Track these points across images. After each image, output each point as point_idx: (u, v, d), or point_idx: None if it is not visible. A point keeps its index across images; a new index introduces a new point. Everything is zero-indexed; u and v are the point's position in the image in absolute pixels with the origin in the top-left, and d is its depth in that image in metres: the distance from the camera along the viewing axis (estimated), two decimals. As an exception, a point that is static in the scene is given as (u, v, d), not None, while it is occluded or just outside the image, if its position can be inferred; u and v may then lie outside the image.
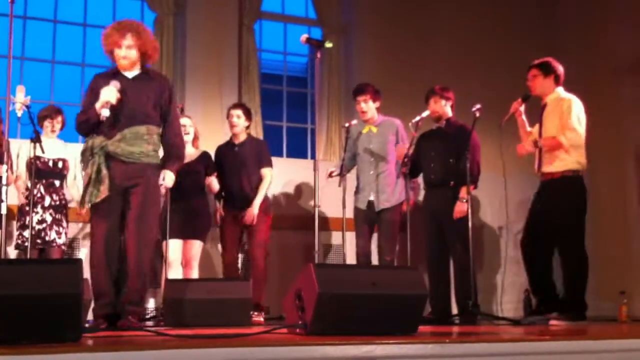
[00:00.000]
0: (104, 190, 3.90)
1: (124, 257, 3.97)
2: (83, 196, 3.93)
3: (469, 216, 5.19)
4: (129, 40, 4.06)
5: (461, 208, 5.34)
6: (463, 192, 5.33)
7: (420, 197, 6.11)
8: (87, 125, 4.01)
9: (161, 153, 4.22)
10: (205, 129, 6.16)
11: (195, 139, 5.66)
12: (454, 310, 5.62)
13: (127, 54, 4.06)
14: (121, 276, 3.99)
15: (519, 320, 5.08)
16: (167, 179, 4.14)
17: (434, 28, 7.66)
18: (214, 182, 5.61)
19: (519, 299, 6.98)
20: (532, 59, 5.34)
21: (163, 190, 4.31)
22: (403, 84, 7.08)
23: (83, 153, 4.03)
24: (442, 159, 5.52)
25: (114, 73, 4.12)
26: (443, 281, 5.53)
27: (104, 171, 3.91)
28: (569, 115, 5.00)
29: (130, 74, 4.11)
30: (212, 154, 5.81)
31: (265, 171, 5.73)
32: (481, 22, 7.83)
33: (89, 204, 3.93)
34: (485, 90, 6.74)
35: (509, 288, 7.23)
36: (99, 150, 3.94)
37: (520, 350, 2.90)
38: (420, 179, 5.96)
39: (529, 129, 5.35)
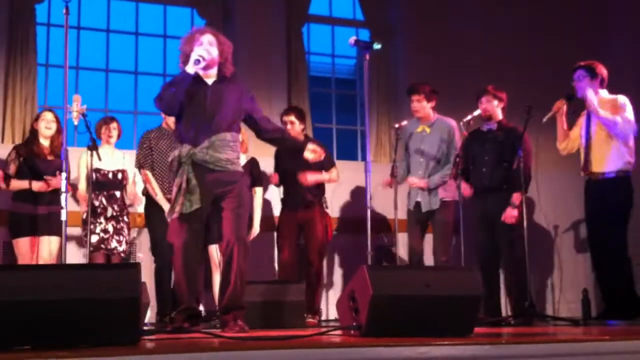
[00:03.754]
0: (195, 201, 3.90)
1: (206, 263, 3.96)
2: (173, 206, 3.92)
3: (524, 219, 5.11)
4: (209, 37, 4.06)
5: (512, 213, 5.28)
6: (515, 197, 5.26)
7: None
8: (172, 92, 3.93)
9: (242, 161, 4.24)
10: (252, 135, 6.20)
11: (243, 143, 5.71)
12: (506, 311, 5.57)
13: (208, 48, 4.01)
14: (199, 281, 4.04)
15: (578, 320, 5.01)
16: (308, 153, 4.23)
17: (483, 26, 7.59)
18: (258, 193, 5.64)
19: (575, 299, 6.86)
20: (573, 61, 5.29)
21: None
22: (451, 83, 7.02)
23: (171, 163, 4.04)
24: (495, 163, 5.45)
25: (194, 78, 4.06)
26: (495, 282, 5.47)
27: (194, 181, 3.91)
28: (624, 109, 5.02)
29: (209, 80, 4.10)
30: (265, 159, 5.84)
31: (332, 171, 5.81)
32: (528, 21, 7.75)
33: (179, 214, 3.92)
34: (527, 90, 6.67)
35: (564, 288, 7.13)
36: (186, 160, 3.93)
37: (579, 351, 2.85)
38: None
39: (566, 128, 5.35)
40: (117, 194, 5.46)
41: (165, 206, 5.30)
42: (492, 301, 5.40)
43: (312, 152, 4.31)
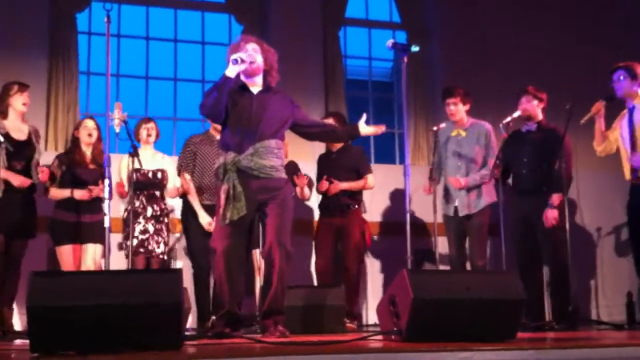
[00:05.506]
0: (241, 208, 3.93)
1: (249, 269, 3.97)
2: (224, 213, 3.94)
3: (566, 221, 5.03)
4: (254, 45, 4.11)
5: (552, 215, 5.20)
6: (554, 198, 5.19)
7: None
8: (214, 96, 3.96)
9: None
10: (294, 138, 6.23)
11: (285, 146, 5.72)
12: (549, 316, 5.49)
13: (252, 54, 4.04)
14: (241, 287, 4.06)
15: (623, 324, 4.91)
16: (363, 128, 4.31)
17: (519, 28, 7.52)
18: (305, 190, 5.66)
19: (616, 303, 6.74)
20: (611, 62, 5.21)
21: None
22: (488, 85, 6.98)
23: (216, 170, 4.08)
24: (535, 165, 5.39)
25: (240, 87, 4.12)
26: (536, 286, 5.39)
27: (239, 188, 3.94)
28: None
29: (255, 89, 4.13)
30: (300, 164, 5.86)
31: (367, 177, 5.80)
32: (565, 21, 7.67)
33: (229, 220, 3.94)
34: (565, 91, 6.57)
35: (607, 292, 7.02)
36: (231, 167, 3.97)
37: (625, 356, 2.79)
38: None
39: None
40: (157, 193, 5.49)
41: (200, 211, 5.34)
42: (534, 305, 5.32)
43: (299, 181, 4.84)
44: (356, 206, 5.76)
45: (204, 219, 5.30)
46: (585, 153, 5.82)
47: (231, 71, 3.96)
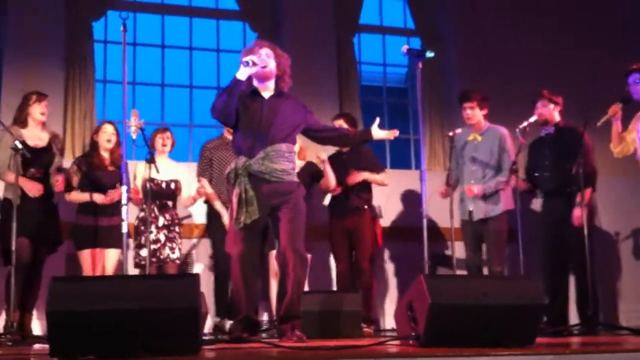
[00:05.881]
0: (254, 212, 3.93)
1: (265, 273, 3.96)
2: (237, 217, 3.95)
3: (585, 223, 5.01)
4: (267, 50, 4.11)
5: (578, 213, 5.18)
6: (579, 197, 5.16)
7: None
8: (224, 99, 3.96)
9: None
10: (310, 142, 6.25)
11: (301, 150, 5.72)
12: (572, 320, 5.45)
13: (265, 59, 4.05)
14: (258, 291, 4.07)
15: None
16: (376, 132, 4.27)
17: (534, 33, 7.51)
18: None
19: (637, 308, 6.69)
20: (626, 64, 5.18)
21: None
22: (503, 90, 6.96)
23: (227, 175, 4.09)
24: (558, 166, 5.37)
25: (252, 91, 4.14)
26: (561, 290, 5.36)
27: (251, 192, 3.95)
28: None
29: (266, 94, 4.14)
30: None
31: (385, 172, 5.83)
32: (579, 24, 7.65)
33: (242, 225, 3.95)
34: (581, 93, 6.57)
35: (626, 296, 6.96)
36: (242, 171, 3.98)
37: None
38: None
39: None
40: (170, 203, 5.52)
41: (223, 212, 5.35)
42: (556, 309, 5.29)
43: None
44: (366, 207, 5.75)
45: (227, 219, 5.29)
46: (602, 157, 5.79)
47: (242, 73, 3.96)
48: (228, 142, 5.52)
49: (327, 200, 5.99)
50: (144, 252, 5.14)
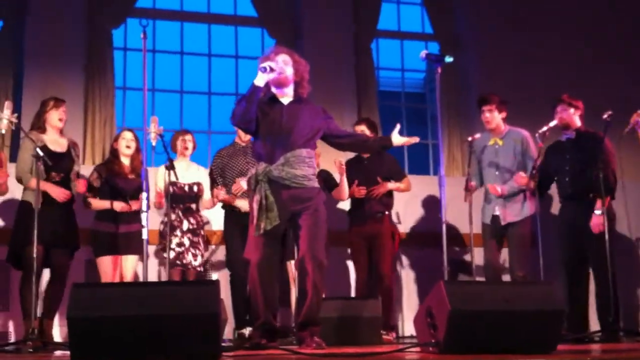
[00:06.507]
0: (274, 218, 3.93)
1: (284, 280, 3.94)
2: (257, 223, 3.95)
3: (606, 228, 4.96)
4: (284, 56, 4.11)
5: (598, 221, 5.12)
6: (599, 204, 5.11)
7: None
8: (244, 106, 3.97)
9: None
10: (328, 149, 6.25)
11: (316, 157, 5.72)
12: (593, 326, 5.39)
13: (282, 65, 4.04)
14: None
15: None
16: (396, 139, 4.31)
17: (551, 36, 7.48)
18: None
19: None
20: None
21: None
22: (522, 94, 6.93)
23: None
24: (578, 171, 5.32)
25: (271, 97, 4.14)
26: (581, 296, 5.30)
27: (271, 198, 3.94)
28: None
29: (285, 100, 4.14)
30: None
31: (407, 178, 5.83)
32: (599, 28, 7.60)
33: (262, 231, 3.95)
34: (602, 97, 6.50)
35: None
36: (262, 177, 3.97)
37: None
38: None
39: None
40: (193, 207, 5.53)
41: (241, 203, 5.35)
42: (577, 316, 5.24)
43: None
44: (386, 212, 5.74)
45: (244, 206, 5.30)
46: (628, 162, 5.74)
47: (260, 80, 3.96)
48: (240, 148, 5.54)
49: (347, 206, 5.99)
50: (167, 256, 5.16)
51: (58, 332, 5.58)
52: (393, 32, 7.79)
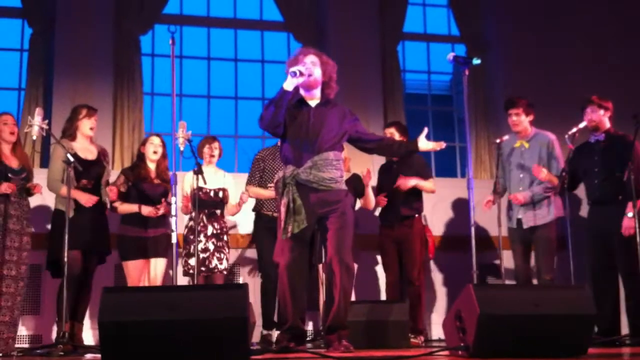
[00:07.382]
0: (302, 221, 3.94)
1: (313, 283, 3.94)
2: (285, 226, 3.97)
3: (637, 232, 4.89)
4: (312, 57, 4.12)
5: (629, 224, 5.05)
6: (629, 207, 5.04)
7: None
8: (272, 110, 3.98)
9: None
10: (355, 152, 6.25)
11: (346, 161, 5.72)
12: (623, 330, 5.32)
13: (309, 67, 4.05)
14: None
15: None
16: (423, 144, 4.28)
17: (580, 38, 7.40)
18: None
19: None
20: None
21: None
22: (550, 96, 6.88)
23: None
24: (607, 174, 5.25)
25: (299, 100, 4.16)
26: (610, 300, 5.23)
27: (299, 201, 3.96)
28: None
29: (313, 102, 4.15)
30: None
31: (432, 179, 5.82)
32: (626, 29, 7.53)
33: (290, 234, 3.96)
34: (631, 99, 6.43)
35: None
36: (290, 180, 4.00)
37: None
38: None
39: None
40: (218, 212, 5.56)
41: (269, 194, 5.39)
42: (608, 320, 5.17)
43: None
44: (416, 215, 5.72)
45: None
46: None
47: (289, 84, 3.97)
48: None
49: (377, 209, 5.98)
50: (192, 261, 5.17)
51: (89, 335, 5.63)
52: (419, 34, 7.76)
